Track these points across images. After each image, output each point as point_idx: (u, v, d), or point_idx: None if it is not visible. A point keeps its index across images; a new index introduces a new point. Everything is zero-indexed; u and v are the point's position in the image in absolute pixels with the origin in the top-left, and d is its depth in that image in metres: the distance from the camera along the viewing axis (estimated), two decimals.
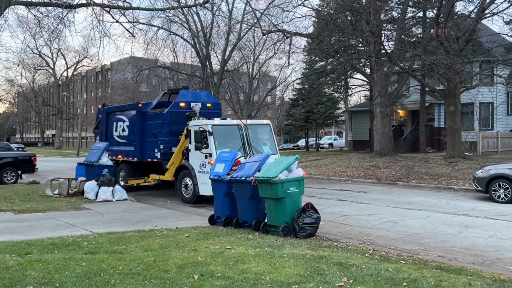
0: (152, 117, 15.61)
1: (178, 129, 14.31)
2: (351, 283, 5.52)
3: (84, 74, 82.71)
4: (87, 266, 6.26)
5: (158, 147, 14.80)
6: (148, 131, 15.56)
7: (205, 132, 12.70)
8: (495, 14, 20.95)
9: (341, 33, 24.58)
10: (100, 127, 18.48)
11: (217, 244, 7.64)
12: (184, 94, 15.43)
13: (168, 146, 14.52)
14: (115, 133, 17.38)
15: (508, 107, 30.14)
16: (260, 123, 14.31)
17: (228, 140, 12.97)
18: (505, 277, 5.85)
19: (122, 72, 39.66)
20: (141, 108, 15.94)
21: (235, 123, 13.38)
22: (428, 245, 8.16)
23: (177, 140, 14.34)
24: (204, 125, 12.78)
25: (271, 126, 14.20)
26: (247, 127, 13.29)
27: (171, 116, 14.65)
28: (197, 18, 32.09)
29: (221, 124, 13.12)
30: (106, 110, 18.21)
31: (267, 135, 13.94)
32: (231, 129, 13.17)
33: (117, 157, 17.00)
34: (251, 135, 13.19)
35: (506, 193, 12.85)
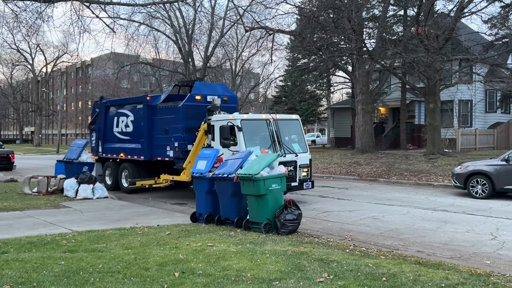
0: (163, 112, 14.20)
1: (194, 125, 13.09)
2: (331, 278, 5.56)
3: (64, 70, 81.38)
4: (66, 264, 6.17)
5: (171, 144, 13.49)
6: (158, 127, 14.22)
7: (233, 127, 11.56)
8: (474, 13, 21.36)
9: (323, 31, 24.69)
10: (97, 123, 16.97)
11: (199, 241, 7.62)
12: (199, 86, 14.20)
13: (183, 143, 13.16)
14: (116, 129, 15.97)
15: (486, 104, 30.73)
16: (290, 118, 13.07)
17: (256, 136, 11.93)
18: (481, 271, 5.97)
19: (103, 68, 39.16)
20: (149, 102, 14.48)
21: (264, 117, 12.20)
22: (408, 241, 8.28)
23: (192, 137, 13.06)
24: (232, 120, 11.60)
25: (300, 121, 13.12)
26: (277, 122, 12.15)
27: (186, 110, 13.33)
28: (179, 14, 31.89)
29: (250, 119, 12.01)
30: (105, 104, 16.68)
31: (297, 131, 12.81)
32: (260, 125, 12.04)
33: (119, 156, 15.70)
34: (281, 131, 12.09)
35: (484, 189, 13.11)
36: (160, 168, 14.50)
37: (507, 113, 31.53)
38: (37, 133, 72.68)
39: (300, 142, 12.60)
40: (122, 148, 15.55)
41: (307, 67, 32.06)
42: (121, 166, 15.72)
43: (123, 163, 15.64)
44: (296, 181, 12.01)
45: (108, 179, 16.40)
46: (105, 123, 16.45)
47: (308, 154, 12.57)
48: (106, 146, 16.38)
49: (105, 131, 16.42)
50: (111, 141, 16.15)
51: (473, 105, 29.23)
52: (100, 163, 16.76)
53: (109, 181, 16.27)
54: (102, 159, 16.73)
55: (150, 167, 14.95)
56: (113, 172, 16.07)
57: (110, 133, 16.23)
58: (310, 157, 12.63)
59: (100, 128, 16.68)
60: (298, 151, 12.20)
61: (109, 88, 45.60)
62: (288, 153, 11.87)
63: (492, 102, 30.67)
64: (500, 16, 22.86)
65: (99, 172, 16.56)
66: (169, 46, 52.51)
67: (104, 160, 16.65)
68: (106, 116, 16.47)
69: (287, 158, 11.70)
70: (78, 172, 14.37)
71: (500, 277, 5.75)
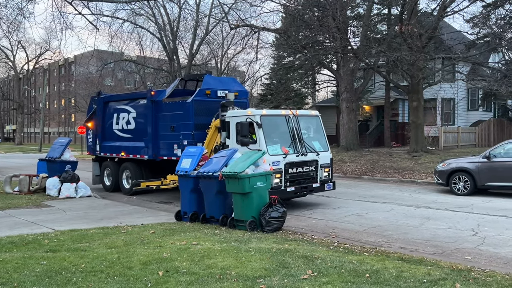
0: (169, 107, 13.26)
1: (204, 122, 12.29)
2: (315, 275, 5.59)
3: (46, 67, 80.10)
4: (48, 264, 6.09)
5: (179, 142, 12.58)
6: (164, 123, 13.30)
7: (252, 124, 10.63)
8: (456, 12, 21.65)
9: (308, 29, 24.75)
10: (95, 120, 15.98)
11: (183, 240, 7.59)
12: (209, 80, 13.19)
13: (192, 141, 12.26)
14: (116, 126, 15.05)
15: (468, 102, 31.19)
16: (309, 114, 12.26)
17: (276, 134, 11.06)
18: (462, 267, 6.07)
19: (86, 65, 38.65)
20: (153, 97, 13.55)
21: (284, 113, 11.27)
22: (391, 237, 8.37)
23: (202, 134, 12.23)
24: (251, 116, 10.69)
25: (320, 117, 12.22)
26: (297, 118, 11.33)
27: (196, 106, 12.45)
28: (164, 11, 31.62)
29: (270, 115, 11.11)
30: (103, 100, 15.67)
31: (317, 129, 12.01)
32: (279, 121, 11.16)
33: (119, 155, 14.81)
34: (301, 128, 11.34)
35: (465, 185, 13.31)
36: (164, 168, 13.62)
37: (488, 111, 32.06)
38: (18, 132, 71.47)
39: (320, 140, 11.82)
40: (123, 147, 14.69)
41: (293, 65, 32.11)
42: (121, 166, 14.82)
43: (123, 162, 14.77)
44: (317, 182, 11.32)
45: (107, 179, 15.58)
46: (103, 120, 15.53)
47: (329, 153, 11.83)
48: (104, 144, 15.46)
49: (103, 129, 15.51)
50: (110, 139, 15.27)
51: (455, 103, 29.66)
52: (97, 162, 16.00)
53: (108, 182, 15.49)
54: (99, 159, 15.91)
55: (154, 167, 14.18)
56: (112, 172, 15.18)
57: (109, 130, 15.36)
58: (331, 156, 11.96)
59: (97, 125, 15.76)
60: (319, 150, 11.46)
61: (92, 86, 45.11)
62: (309, 152, 11.15)
63: (474, 100, 31.15)
64: (482, 15, 23.21)
65: (96, 173, 15.91)
66: (154, 43, 52.23)
67: (102, 160, 15.82)
68: (104, 112, 15.54)
69: (308, 157, 11.07)
70: (60, 170, 14.20)
71: (481, 272, 5.85)
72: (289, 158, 10.64)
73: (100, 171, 15.85)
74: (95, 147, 15.89)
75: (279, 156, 10.48)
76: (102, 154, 15.60)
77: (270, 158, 10.06)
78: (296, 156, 10.82)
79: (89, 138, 16.39)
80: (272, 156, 10.26)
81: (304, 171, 11.01)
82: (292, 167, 10.71)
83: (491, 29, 22.55)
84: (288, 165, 10.59)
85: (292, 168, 10.72)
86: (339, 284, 5.25)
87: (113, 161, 15.35)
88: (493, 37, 21.90)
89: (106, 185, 15.48)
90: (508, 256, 6.97)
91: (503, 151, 13.14)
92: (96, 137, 15.81)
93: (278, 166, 10.34)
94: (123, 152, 14.64)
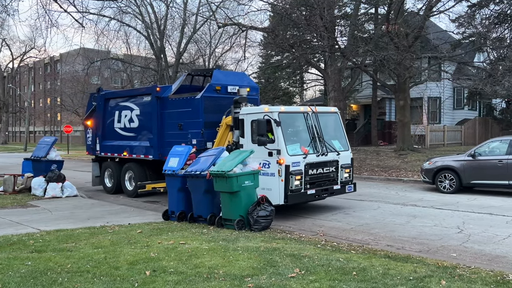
0: (176, 104, 12.54)
1: (214, 119, 11.58)
2: (303, 274, 5.61)
3: (31, 65, 79.08)
4: (33, 265, 6.02)
5: (187, 142, 11.82)
6: (170, 121, 12.62)
7: (270, 122, 9.82)
8: (442, 12, 21.90)
9: (296, 28, 24.81)
10: (95, 118, 15.26)
11: (171, 239, 7.56)
12: (218, 75, 12.51)
13: (202, 140, 11.62)
14: (118, 124, 14.29)
15: (454, 101, 31.56)
16: (328, 110, 11.40)
17: (293, 132, 10.31)
18: (447, 264, 6.14)
19: (72, 64, 38.23)
20: (159, 93, 12.85)
21: (303, 110, 10.51)
22: (378, 235, 8.43)
23: (212, 133, 11.58)
24: (269, 113, 9.87)
25: (339, 114, 11.53)
26: (317, 115, 10.56)
27: (206, 102, 11.77)
28: (151, 9, 31.40)
29: (288, 112, 10.28)
30: (104, 96, 14.90)
31: (337, 126, 11.27)
32: (298, 118, 10.39)
33: (121, 155, 14.06)
34: (321, 126, 10.54)
35: (451, 183, 13.47)
36: None
37: (474, 110, 32.49)
38: (3, 131, 70.40)
39: (340, 138, 11.06)
40: (126, 146, 13.97)
41: (280, 64, 32.16)
42: (124, 167, 14.06)
43: (126, 163, 14.03)
44: (338, 184, 10.62)
45: (108, 181, 14.84)
46: (104, 118, 14.78)
47: (350, 153, 11.10)
48: (105, 144, 14.72)
49: (104, 127, 14.77)
50: (111, 138, 14.52)
51: (441, 102, 29.98)
52: (97, 163, 15.28)
53: (109, 184, 14.77)
54: (99, 159, 15.19)
55: (159, 168, 12.69)
56: (114, 173, 14.44)
57: (110, 129, 14.59)
58: (352, 155, 11.23)
59: (97, 123, 15.02)
60: (340, 149, 10.70)
61: (78, 85, 44.68)
62: (330, 152, 10.39)
63: (460, 99, 31.53)
64: (467, 15, 23.50)
65: (96, 173, 15.21)
66: (141, 41, 51.82)
67: (102, 160, 15.13)
68: (105, 110, 14.77)
69: (328, 157, 10.33)
70: (46, 170, 14.04)
71: (466, 269, 5.92)
72: (309, 158, 9.89)
73: (100, 172, 15.16)
74: (94, 146, 15.18)
75: (298, 156, 9.73)
76: (102, 154, 14.90)
77: (289, 159, 9.51)
78: (316, 156, 10.06)
79: (88, 137, 15.64)
80: (291, 157, 9.57)
81: (325, 172, 10.28)
82: (312, 168, 9.96)
83: (476, 28, 22.86)
84: (308, 166, 9.85)
85: (312, 169, 9.98)
86: (326, 282, 5.28)
87: (115, 161, 14.69)
88: (478, 36, 22.20)
89: (107, 186, 14.80)
90: (492, 253, 7.07)
91: (487, 150, 13.31)
92: (96, 136, 15.09)
93: (297, 167, 9.63)
94: (125, 152, 13.96)
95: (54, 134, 71.49)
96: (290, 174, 9.44)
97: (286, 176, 9.41)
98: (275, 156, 9.57)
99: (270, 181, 9.59)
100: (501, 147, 13.05)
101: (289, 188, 9.45)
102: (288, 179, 9.42)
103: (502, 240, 7.80)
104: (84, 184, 16.77)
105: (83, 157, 34.07)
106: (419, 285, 5.19)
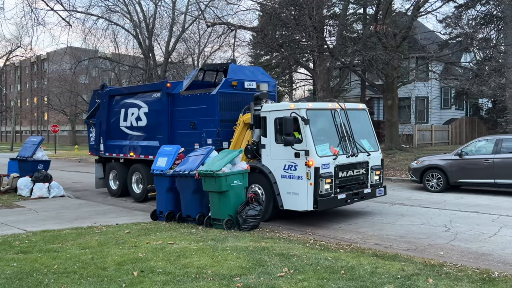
0: (189, 101, 11.72)
1: (230, 117, 10.85)
2: (291, 273, 5.61)
3: (17, 64, 78.04)
4: (19, 266, 5.94)
5: (201, 141, 11.11)
6: (181, 120, 11.82)
7: (297, 120, 8.98)
8: (429, 13, 22.09)
9: (285, 28, 24.84)
10: (98, 116, 14.37)
11: (159, 239, 7.51)
12: (234, 70, 11.66)
13: (218, 140, 10.81)
14: (124, 123, 13.47)
15: (441, 101, 31.87)
16: (356, 107, 10.44)
17: (321, 131, 9.37)
18: (435, 262, 6.19)
19: (59, 62, 37.84)
20: (169, 89, 12.04)
21: (330, 106, 9.63)
22: (366, 234, 8.48)
23: (228, 132, 10.83)
24: (296, 110, 9.01)
25: (367, 111, 10.65)
26: (346, 112, 9.76)
27: (221, 99, 10.94)
28: (139, 8, 31.21)
29: (316, 108, 9.42)
30: (109, 93, 14.07)
31: (365, 124, 10.38)
32: (325, 116, 9.51)
33: (127, 155, 13.20)
34: (351, 123, 9.72)
35: (438, 182, 13.59)
36: None
37: (461, 109, 32.84)
38: None
39: (369, 137, 10.23)
40: (132, 146, 13.14)
41: (270, 64, 32.15)
42: (131, 168, 13.19)
43: (133, 164, 13.14)
44: (368, 187, 9.84)
45: (112, 183, 14.02)
46: (108, 116, 13.95)
47: (380, 153, 10.32)
48: (109, 143, 13.89)
49: (108, 126, 13.95)
50: (116, 138, 13.69)
51: (429, 101, 30.25)
52: (100, 164, 14.42)
53: (114, 186, 13.96)
54: (103, 160, 14.35)
55: None
56: (120, 175, 13.62)
57: (115, 128, 13.77)
58: (382, 156, 10.42)
59: (101, 122, 14.13)
60: (369, 149, 9.91)
61: (66, 84, 44.25)
62: (360, 152, 9.60)
63: (447, 99, 31.85)
64: (454, 16, 23.76)
65: (99, 175, 14.38)
66: (129, 40, 51.47)
67: (107, 161, 14.30)
68: (109, 107, 13.94)
69: (358, 158, 9.52)
70: (32, 170, 13.87)
71: (452, 267, 5.98)
72: (339, 159, 9.07)
73: (103, 174, 14.35)
74: (98, 146, 14.30)
75: (328, 157, 8.91)
76: (106, 154, 14.03)
77: (319, 160, 8.69)
78: (347, 157, 9.25)
79: (91, 136, 14.83)
80: (321, 158, 8.75)
81: (355, 174, 9.51)
82: (342, 170, 9.16)
83: (463, 29, 23.10)
84: (338, 168, 9.05)
85: (343, 172, 9.18)
86: (314, 281, 5.29)
87: (120, 162, 13.90)
88: (464, 37, 22.43)
89: (112, 189, 13.99)
90: (478, 251, 7.15)
91: (474, 149, 13.47)
92: (100, 135, 14.19)
93: (327, 169, 8.80)
94: (132, 152, 13.11)
95: (41, 133, 70.66)
96: (320, 177, 8.61)
97: (315, 180, 8.59)
98: (303, 157, 8.74)
99: (296, 184, 8.83)
100: (487, 146, 13.22)
101: (318, 192, 8.63)
102: (317, 183, 8.60)
103: (488, 238, 7.90)
104: (71, 184, 16.63)
105: (70, 157, 33.74)
106: (407, 283, 5.22)
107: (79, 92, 44.10)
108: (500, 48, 23.16)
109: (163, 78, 32.23)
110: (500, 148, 12.75)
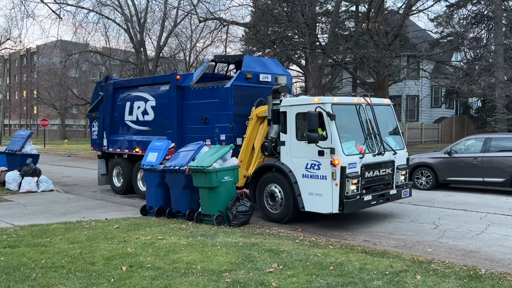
0: (200, 95, 11.04)
1: (244, 112, 10.21)
2: (280, 269, 5.63)
3: (6, 57, 77.07)
4: (6, 260, 5.88)
5: (214, 137, 10.54)
6: (192, 114, 11.17)
7: (321, 115, 8.30)
8: (421, 11, 22.22)
9: (278, 24, 24.81)
10: (101, 109, 13.75)
11: (148, 234, 7.48)
12: (249, 62, 11.06)
13: (232, 136, 10.20)
14: (129, 117, 12.84)
15: (432, 100, 32.10)
16: (382, 103, 9.79)
17: (346, 128, 8.70)
18: (423, 259, 6.25)
19: (49, 56, 37.41)
20: (179, 81, 11.37)
21: (356, 101, 8.96)
22: (356, 230, 8.52)
23: (242, 127, 10.17)
24: (320, 104, 8.36)
25: (392, 107, 10.03)
26: (372, 108, 9.13)
27: (236, 92, 10.29)
28: (131, 2, 30.96)
29: (341, 103, 8.71)
30: (113, 85, 13.34)
31: (391, 121, 9.82)
32: (351, 111, 8.85)
33: (133, 151, 12.58)
34: (377, 120, 9.13)
35: (428, 180, 13.70)
36: None
37: (451, 108, 33.11)
38: None
39: (395, 135, 9.70)
40: (138, 142, 12.46)
41: None
42: (136, 165, 12.52)
43: (138, 160, 12.23)
44: (393, 188, 9.28)
45: (116, 180, 13.38)
46: (113, 110, 13.32)
47: (406, 152, 9.75)
48: (113, 138, 13.30)
49: (113, 120, 13.35)
50: (121, 133, 13.14)
51: (419, 100, 30.45)
52: (103, 159, 13.86)
53: (118, 183, 13.31)
54: (106, 155, 13.78)
55: None
56: (125, 171, 12.95)
57: (119, 122, 13.18)
58: (407, 155, 9.87)
59: (105, 115, 13.52)
60: (395, 148, 9.32)
61: (56, 77, 43.80)
62: (386, 151, 8.99)
63: (437, 97, 32.09)
64: (445, 15, 23.91)
65: (102, 171, 13.82)
66: (120, 34, 51.05)
67: (110, 156, 13.74)
68: (114, 100, 13.28)
69: (384, 157, 8.94)
70: (21, 164, 13.73)
71: (440, 263, 6.03)
72: (366, 158, 8.50)
73: (107, 170, 13.78)
74: (101, 141, 13.68)
75: (355, 156, 8.32)
76: (110, 149, 13.42)
77: (346, 159, 8.09)
78: (373, 156, 8.68)
79: (94, 130, 14.19)
80: (347, 157, 8.15)
81: (381, 174, 8.94)
82: (368, 170, 8.58)
83: (454, 28, 23.26)
84: (365, 168, 8.47)
85: (369, 171, 8.61)
86: (303, 277, 5.30)
87: (124, 158, 13.30)
88: (455, 36, 22.59)
89: (116, 186, 13.35)
90: (466, 248, 7.22)
91: (463, 147, 13.58)
92: (103, 129, 13.60)
93: (354, 169, 8.21)
94: (137, 148, 12.43)
95: (30, 127, 70.00)
96: (346, 177, 8.03)
97: (341, 180, 8.01)
98: (328, 155, 8.12)
99: (320, 185, 8.25)
100: (476, 145, 13.34)
101: (344, 193, 8.06)
102: (343, 183, 8.02)
103: (476, 236, 7.98)
104: (60, 179, 16.50)
105: (60, 151, 33.47)
106: (395, 279, 5.26)
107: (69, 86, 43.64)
108: (490, 48, 23.36)
109: (155, 72, 32.06)
110: (489, 147, 12.88)
